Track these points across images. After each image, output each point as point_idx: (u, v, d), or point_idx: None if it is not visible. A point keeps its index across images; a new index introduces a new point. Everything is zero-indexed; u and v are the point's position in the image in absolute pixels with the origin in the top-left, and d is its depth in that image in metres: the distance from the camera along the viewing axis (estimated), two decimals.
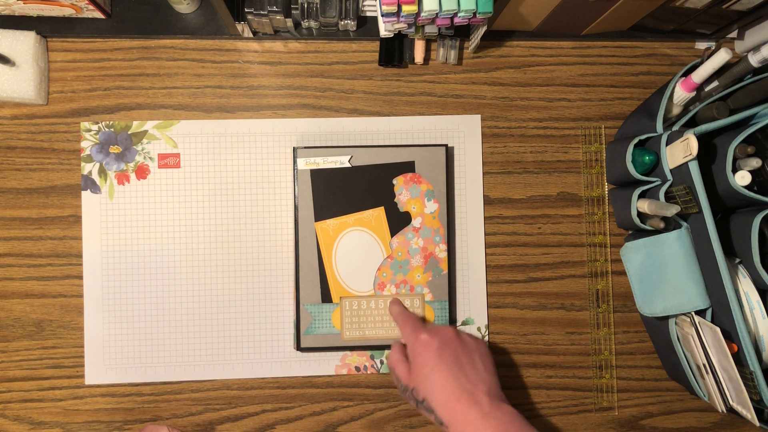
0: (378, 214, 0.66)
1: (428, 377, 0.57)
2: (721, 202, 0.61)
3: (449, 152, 0.69)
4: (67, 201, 0.67)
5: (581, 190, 0.71)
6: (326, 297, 0.66)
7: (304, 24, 0.66)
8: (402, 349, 0.62)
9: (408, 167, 0.67)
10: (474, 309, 0.70)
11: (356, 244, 0.66)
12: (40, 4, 0.62)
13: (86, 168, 0.67)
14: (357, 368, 0.69)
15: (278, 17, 0.63)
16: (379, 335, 0.66)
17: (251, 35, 0.68)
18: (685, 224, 0.60)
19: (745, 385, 0.56)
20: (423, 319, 0.66)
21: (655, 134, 0.63)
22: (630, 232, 0.70)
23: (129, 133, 0.68)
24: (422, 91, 0.70)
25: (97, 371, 0.67)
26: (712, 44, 0.72)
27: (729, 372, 0.57)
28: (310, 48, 0.70)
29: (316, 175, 0.66)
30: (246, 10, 0.62)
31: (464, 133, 0.70)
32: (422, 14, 0.59)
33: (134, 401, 0.67)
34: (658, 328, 0.66)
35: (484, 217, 0.70)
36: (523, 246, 0.71)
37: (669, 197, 0.61)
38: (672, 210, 0.58)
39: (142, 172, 0.68)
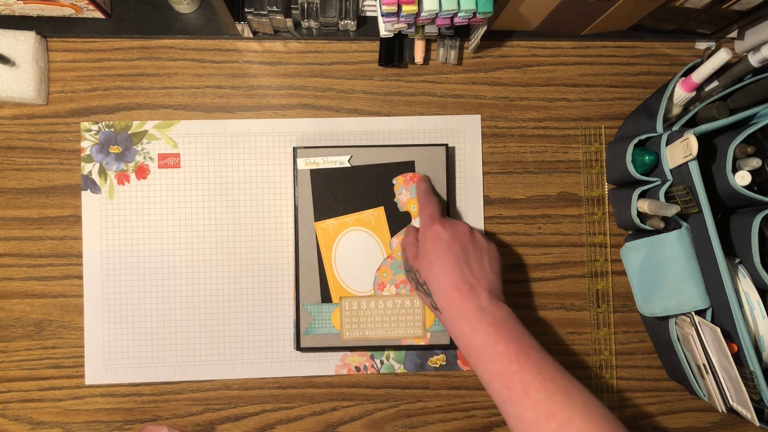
0: (378, 214, 0.66)
1: (433, 262, 0.58)
2: (721, 202, 0.61)
3: (449, 152, 0.69)
4: (67, 201, 0.67)
5: (581, 190, 0.71)
6: (326, 297, 0.66)
7: (304, 24, 0.66)
8: (415, 233, 0.63)
9: (408, 167, 0.67)
10: None
11: (356, 244, 0.66)
12: (40, 4, 0.62)
13: (86, 168, 0.67)
14: (357, 368, 0.69)
15: (278, 17, 0.63)
16: (379, 335, 0.66)
17: (251, 35, 0.68)
18: (685, 224, 0.60)
19: (745, 385, 0.56)
20: (443, 209, 0.66)
21: (655, 134, 0.63)
22: (630, 232, 0.70)
23: (129, 133, 0.68)
24: (422, 91, 0.70)
25: (97, 371, 0.67)
26: (712, 44, 0.72)
27: (729, 372, 0.57)
28: (310, 48, 0.70)
29: (316, 175, 0.66)
30: (246, 10, 0.62)
31: (464, 133, 0.70)
32: (422, 14, 0.59)
33: (134, 401, 0.67)
34: (658, 328, 0.67)
35: (484, 217, 0.70)
36: (523, 246, 0.71)
37: (669, 197, 0.61)
38: (672, 210, 0.58)
39: (142, 172, 0.68)
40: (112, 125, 0.68)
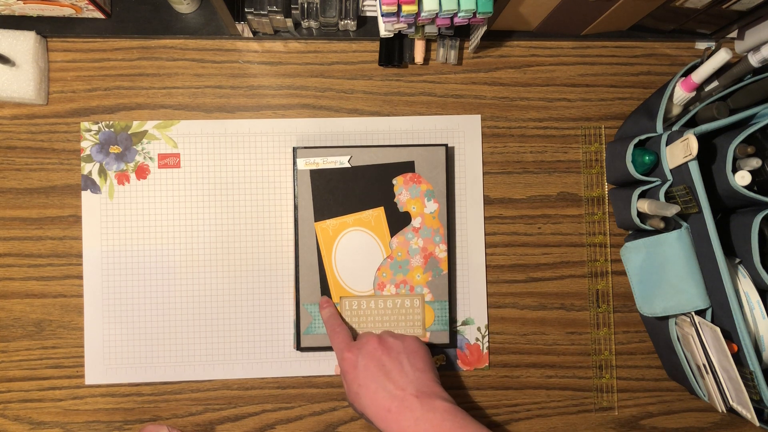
0: (378, 214, 0.66)
1: (358, 394, 0.58)
2: (721, 202, 0.61)
3: (449, 152, 0.69)
4: (67, 201, 0.67)
5: (581, 190, 0.71)
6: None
7: (304, 24, 0.66)
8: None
9: (408, 167, 0.67)
10: (474, 309, 0.70)
11: (356, 244, 0.66)
12: (40, 4, 0.62)
13: (86, 168, 0.67)
14: None
15: (278, 17, 0.63)
16: None
17: (251, 35, 0.68)
18: (685, 224, 0.60)
19: (745, 385, 0.56)
20: (351, 329, 0.66)
21: (655, 134, 0.63)
22: (630, 232, 0.70)
23: (129, 133, 0.68)
24: (422, 91, 0.70)
25: (97, 371, 0.67)
26: (712, 44, 0.72)
27: (729, 372, 0.57)
28: (310, 48, 0.70)
29: (316, 175, 0.66)
30: (246, 10, 0.62)
31: (464, 133, 0.70)
32: (422, 14, 0.59)
33: (134, 401, 0.67)
34: (658, 328, 0.66)
35: (484, 217, 0.70)
36: (523, 246, 0.71)
37: (669, 197, 0.61)
38: (672, 210, 0.58)
39: (142, 172, 0.68)
40: (112, 125, 0.68)
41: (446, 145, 0.67)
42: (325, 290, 0.66)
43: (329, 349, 0.67)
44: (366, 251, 0.66)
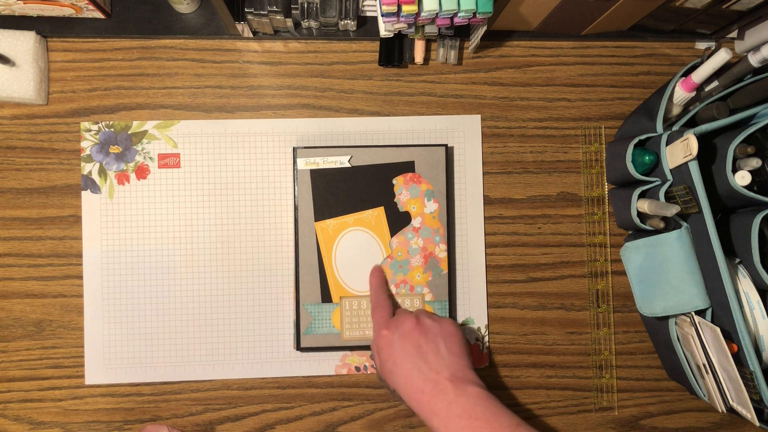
0: (378, 214, 0.66)
1: (392, 371, 0.58)
2: (721, 202, 0.61)
3: (449, 152, 0.69)
4: (67, 201, 0.67)
5: (581, 190, 0.71)
6: (326, 297, 0.66)
7: (304, 24, 0.66)
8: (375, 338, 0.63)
9: (408, 167, 0.67)
10: (474, 309, 0.70)
11: (356, 244, 0.66)
12: (40, 4, 0.62)
13: (86, 168, 0.67)
14: (357, 368, 0.69)
15: (278, 17, 0.63)
16: None
17: (251, 35, 0.68)
18: (685, 224, 0.60)
19: (745, 385, 0.56)
20: (393, 302, 0.66)
21: (655, 134, 0.63)
22: (630, 232, 0.70)
23: (129, 133, 0.68)
24: (422, 91, 0.70)
25: (97, 371, 0.67)
26: (712, 44, 0.72)
27: (729, 372, 0.57)
28: (310, 48, 0.70)
29: (316, 175, 0.66)
30: (246, 10, 0.62)
31: (464, 133, 0.70)
32: (422, 14, 0.59)
33: (134, 401, 0.67)
34: (658, 328, 0.66)
35: (484, 217, 0.70)
36: (523, 246, 0.71)
37: (669, 197, 0.61)
38: (672, 210, 0.58)
39: (142, 172, 0.68)
40: (112, 125, 0.68)
41: (446, 145, 0.67)
42: (325, 290, 0.66)
43: (329, 349, 0.67)
44: (366, 251, 0.66)
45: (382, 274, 0.66)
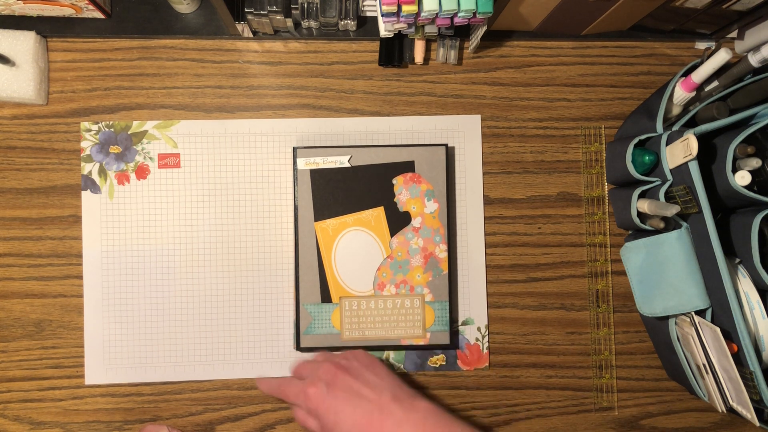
0: (378, 214, 0.66)
1: (337, 422, 0.56)
2: (721, 202, 0.61)
3: (449, 152, 0.69)
4: (67, 201, 0.67)
5: (581, 190, 0.71)
6: (326, 297, 0.66)
7: (304, 24, 0.66)
8: (301, 410, 0.60)
9: (408, 167, 0.67)
10: (474, 309, 0.70)
11: (356, 244, 0.66)
12: (40, 4, 0.62)
13: (86, 168, 0.67)
14: None
15: (278, 17, 0.63)
16: (379, 335, 0.66)
17: (251, 35, 0.68)
18: (685, 224, 0.60)
19: (745, 385, 0.56)
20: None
21: (655, 134, 0.63)
22: (630, 232, 0.70)
23: (129, 133, 0.68)
24: (422, 91, 0.70)
25: (97, 371, 0.67)
26: (712, 44, 0.72)
27: (729, 372, 0.57)
28: (310, 48, 0.70)
29: (316, 175, 0.66)
30: (246, 10, 0.62)
31: (464, 133, 0.70)
32: (422, 14, 0.59)
33: (134, 401, 0.67)
34: (658, 328, 0.66)
35: (484, 217, 0.70)
36: (523, 246, 0.71)
37: (669, 197, 0.61)
38: (672, 210, 0.58)
39: (142, 172, 0.68)
40: (112, 125, 0.68)
41: (446, 145, 0.67)
42: (325, 290, 0.66)
43: (329, 349, 0.67)
44: (366, 251, 0.66)
45: (267, 381, 0.64)
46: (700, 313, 0.60)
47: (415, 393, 0.57)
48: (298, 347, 0.66)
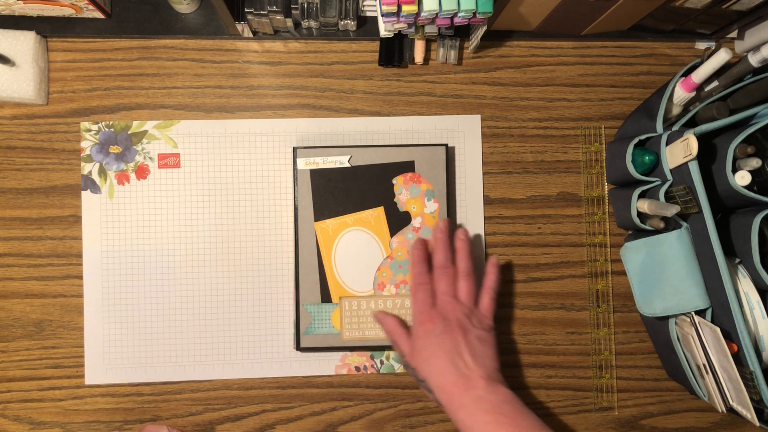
0: (378, 214, 0.66)
1: (427, 361, 0.59)
2: (721, 202, 0.61)
3: (449, 152, 0.69)
4: (67, 201, 0.67)
5: (581, 190, 0.71)
6: (326, 297, 0.66)
7: (304, 24, 0.66)
8: (399, 324, 0.63)
9: (408, 167, 0.67)
10: None
11: (356, 244, 0.66)
12: (40, 4, 0.62)
13: (86, 168, 0.67)
14: (357, 368, 0.69)
15: (278, 17, 0.63)
16: (379, 335, 0.66)
17: (251, 35, 0.68)
18: (685, 224, 0.60)
19: (745, 385, 0.56)
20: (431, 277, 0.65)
21: (655, 134, 0.63)
22: (630, 232, 0.70)
23: (129, 133, 0.68)
24: (422, 91, 0.70)
25: (97, 371, 0.67)
26: (712, 44, 0.72)
27: (729, 372, 0.57)
28: (310, 48, 0.70)
29: (316, 175, 0.66)
30: (246, 10, 0.62)
31: (464, 133, 0.70)
32: (422, 14, 0.59)
33: (134, 401, 0.67)
34: (658, 328, 0.66)
35: (484, 217, 0.70)
36: (523, 246, 0.71)
37: (669, 197, 0.61)
38: (672, 210, 0.58)
39: (142, 172, 0.68)
40: (112, 125, 0.68)
41: (446, 145, 0.67)
42: (325, 290, 0.66)
43: (329, 349, 0.67)
44: (366, 251, 0.66)
45: (425, 247, 0.65)
46: (700, 313, 0.60)
47: (503, 380, 0.59)
48: (298, 347, 0.66)
